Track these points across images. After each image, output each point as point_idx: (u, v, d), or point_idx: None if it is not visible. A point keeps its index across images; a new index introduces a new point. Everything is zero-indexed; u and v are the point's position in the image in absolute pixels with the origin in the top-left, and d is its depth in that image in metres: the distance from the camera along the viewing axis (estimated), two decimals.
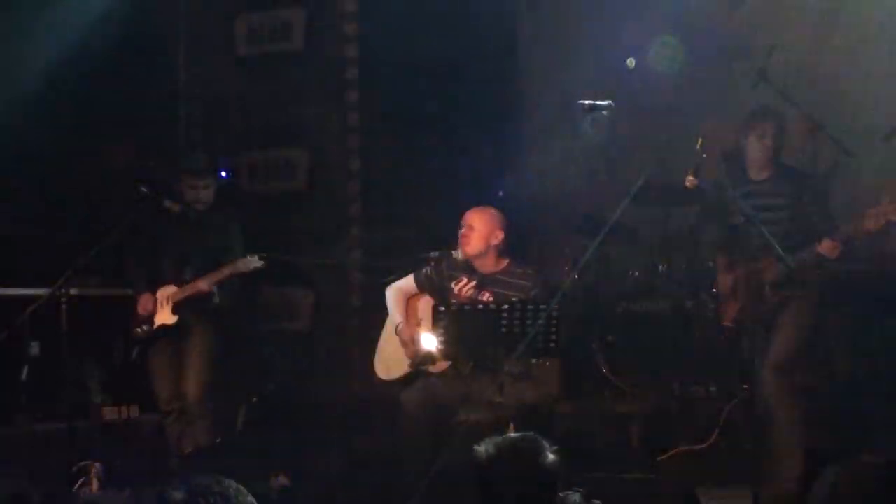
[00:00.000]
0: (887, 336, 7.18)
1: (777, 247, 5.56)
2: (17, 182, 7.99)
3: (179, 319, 6.77)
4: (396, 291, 6.36)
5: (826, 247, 5.60)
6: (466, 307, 5.61)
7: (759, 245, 5.79)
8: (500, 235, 6.22)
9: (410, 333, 6.20)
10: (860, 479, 3.03)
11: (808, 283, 5.80)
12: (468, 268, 6.24)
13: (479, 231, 6.19)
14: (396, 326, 6.28)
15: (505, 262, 6.24)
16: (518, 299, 5.83)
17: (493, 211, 6.27)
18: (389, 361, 6.33)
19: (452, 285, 6.25)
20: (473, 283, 6.18)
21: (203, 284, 6.67)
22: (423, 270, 6.36)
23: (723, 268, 6.09)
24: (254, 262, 6.52)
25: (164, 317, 6.77)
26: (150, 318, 6.82)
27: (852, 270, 7.81)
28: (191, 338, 6.81)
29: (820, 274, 5.87)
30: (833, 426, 6.38)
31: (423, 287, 6.33)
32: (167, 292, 6.81)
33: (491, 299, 6.06)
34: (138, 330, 6.81)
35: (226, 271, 6.61)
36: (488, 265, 6.28)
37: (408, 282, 6.36)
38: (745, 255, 5.95)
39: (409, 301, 6.39)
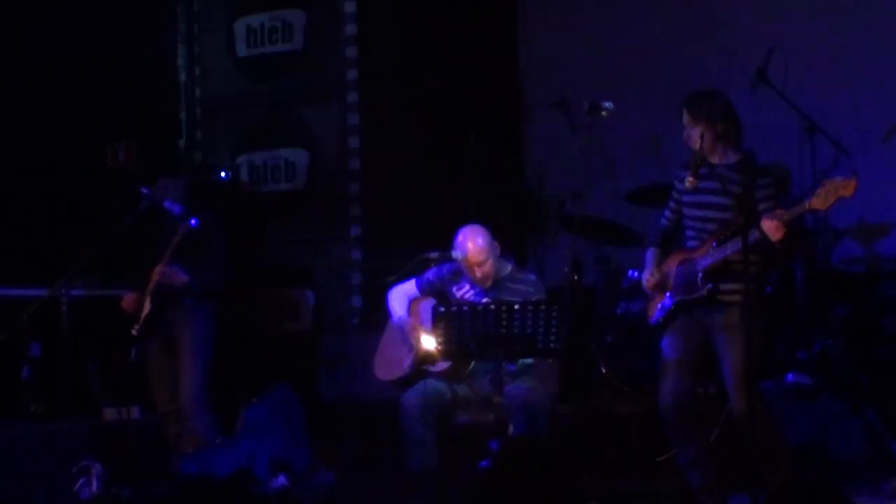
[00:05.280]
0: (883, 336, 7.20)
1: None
2: (18, 182, 7.99)
3: (169, 316, 6.76)
4: (399, 293, 6.36)
5: (768, 226, 5.13)
6: (466, 308, 5.61)
7: (694, 234, 5.55)
8: (497, 249, 6.17)
9: (414, 324, 6.19)
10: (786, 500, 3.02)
11: (749, 275, 5.27)
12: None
13: (487, 263, 6.10)
14: (399, 319, 6.28)
15: (508, 268, 6.22)
16: (518, 300, 5.83)
17: (481, 236, 6.13)
18: (389, 361, 6.33)
19: (454, 290, 6.25)
20: (476, 290, 6.18)
21: (159, 267, 6.65)
22: (425, 274, 6.36)
23: (654, 263, 5.75)
24: (187, 225, 6.47)
25: (145, 309, 6.77)
26: (140, 317, 6.82)
27: (850, 271, 7.84)
28: (184, 338, 6.81)
29: (760, 268, 5.47)
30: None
31: (424, 291, 6.32)
32: (149, 287, 6.81)
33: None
34: (133, 330, 6.81)
35: (170, 247, 6.57)
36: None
37: (410, 285, 6.36)
38: (679, 245, 5.76)
39: (410, 303, 6.38)
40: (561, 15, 9.02)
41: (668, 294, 5.62)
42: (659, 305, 5.65)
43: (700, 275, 5.43)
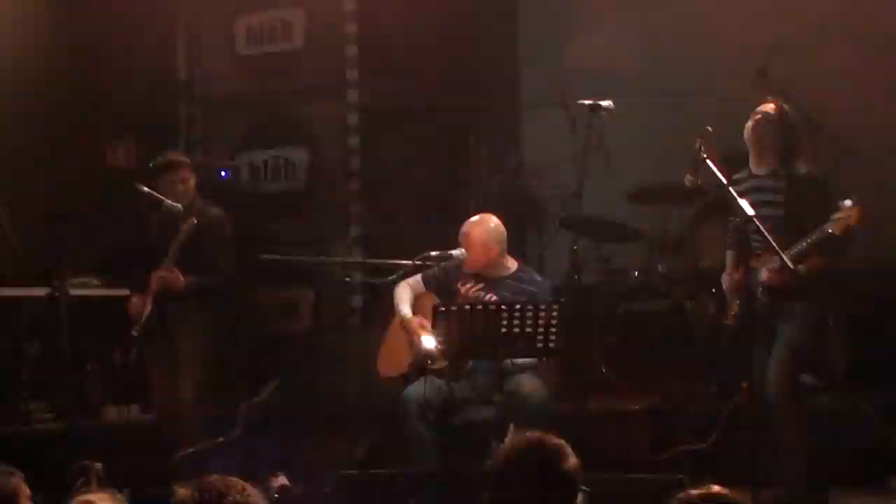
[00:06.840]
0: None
1: (777, 247, 5.46)
2: (18, 182, 7.99)
3: (169, 316, 6.76)
4: (405, 288, 6.37)
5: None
6: (467, 307, 5.61)
7: (756, 245, 5.70)
8: (505, 239, 6.18)
9: (419, 323, 6.20)
10: None
11: (802, 286, 5.62)
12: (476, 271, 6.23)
13: (492, 249, 6.12)
14: (403, 318, 6.28)
15: (513, 266, 6.22)
16: (520, 299, 5.83)
17: (490, 224, 6.16)
18: (392, 358, 6.35)
19: (459, 286, 6.25)
20: (480, 286, 6.18)
21: (162, 271, 6.65)
22: (432, 270, 6.37)
23: (730, 264, 5.99)
24: (190, 223, 6.47)
25: (147, 311, 6.77)
26: (141, 318, 6.82)
27: (850, 270, 7.83)
28: (184, 338, 6.80)
29: (820, 276, 5.72)
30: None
31: (430, 286, 6.34)
32: (150, 289, 6.81)
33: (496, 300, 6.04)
34: (133, 332, 6.81)
35: (174, 247, 6.58)
36: (496, 271, 6.25)
37: (416, 280, 6.38)
38: (748, 253, 5.87)
39: (416, 299, 6.39)
40: (560, 14, 9.02)
41: (739, 302, 5.80)
42: (734, 314, 5.84)
43: (760, 288, 5.66)
